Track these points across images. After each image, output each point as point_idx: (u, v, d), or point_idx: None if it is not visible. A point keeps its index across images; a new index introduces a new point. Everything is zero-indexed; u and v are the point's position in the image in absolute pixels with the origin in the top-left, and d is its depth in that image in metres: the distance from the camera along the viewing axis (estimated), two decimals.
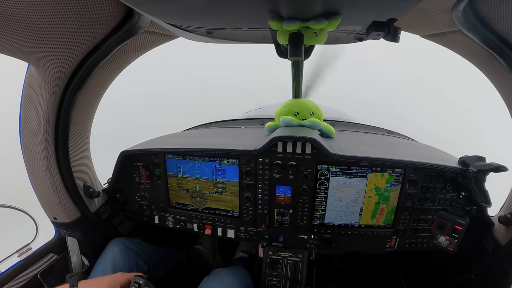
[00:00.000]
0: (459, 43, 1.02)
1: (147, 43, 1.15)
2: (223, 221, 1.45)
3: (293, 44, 0.74)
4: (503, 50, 0.91)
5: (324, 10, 0.64)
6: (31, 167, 1.20)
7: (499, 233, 1.17)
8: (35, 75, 1.00)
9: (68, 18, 0.82)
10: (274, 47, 1.22)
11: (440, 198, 1.25)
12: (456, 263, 1.45)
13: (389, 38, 0.67)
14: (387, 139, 1.82)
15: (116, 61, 1.18)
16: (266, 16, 0.69)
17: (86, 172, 1.38)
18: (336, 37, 1.08)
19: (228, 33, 1.01)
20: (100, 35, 0.97)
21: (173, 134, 1.90)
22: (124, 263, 1.31)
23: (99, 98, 1.30)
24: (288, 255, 1.40)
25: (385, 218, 1.31)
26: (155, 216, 1.55)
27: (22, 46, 0.84)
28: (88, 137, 1.36)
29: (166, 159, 1.41)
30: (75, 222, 1.35)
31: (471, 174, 1.08)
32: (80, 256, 1.39)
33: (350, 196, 1.29)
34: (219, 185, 1.39)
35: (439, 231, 1.16)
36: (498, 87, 1.11)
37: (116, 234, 1.58)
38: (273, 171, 1.29)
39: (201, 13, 0.72)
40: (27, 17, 0.74)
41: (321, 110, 1.48)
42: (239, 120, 2.47)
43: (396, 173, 1.23)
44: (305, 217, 1.34)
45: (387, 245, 1.35)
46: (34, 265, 1.24)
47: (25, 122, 1.11)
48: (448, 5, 0.83)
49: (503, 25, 0.84)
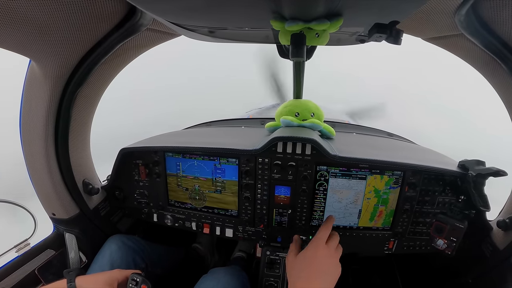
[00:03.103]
0: (461, 46, 1.02)
1: (149, 40, 1.15)
2: (222, 220, 1.45)
3: (295, 44, 0.74)
4: (504, 55, 0.90)
5: (327, 11, 0.64)
6: (31, 162, 1.20)
7: (497, 237, 1.17)
8: (37, 71, 1.00)
9: (71, 15, 0.82)
10: (276, 47, 1.22)
11: (439, 201, 1.25)
12: (454, 266, 1.45)
13: (391, 40, 0.67)
14: (387, 142, 1.82)
15: (118, 59, 1.18)
16: (269, 16, 0.69)
17: (86, 169, 1.38)
18: (338, 39, 1.08)
19: (230, 32, 1.01)
20: (102, 32, 0.97)
21: (173, 133, 1.90)
22: (122, 260, 1.31)
23: (100, 95, 1.30)
24: (286, 255, 1.40)
25: (384, 220, 1.32)
26: (153, 214, 1.55)
27: (24, 41, 0.84)
28: (88, 134, 1.36)
29: (165, 157, 1.41)
30: (74, 218, 1.35)
31: (470, 178, 1.08)
32: (78, 253, 1.40)
33: (349, 198, 1.29)
34: (219, 184, 1.39)
35: (437, 234, 1.16)
36: (499, 92, 1.11)
37: (114, 231, 1.58)
38: (272, 171, 1.29)
39: (203, 12, 0.72)
40: (29, 13, 0.74)
41: (321, 111, 1.47)
42: (239, 119, 2.48)
43: (395, 176, 1.23)
44: (303, 218, 1.34)
45: (385, 247, 1.35)
46: (32, 260, 1.24)
47: (25, 118, 1.11)
48: (451, 9, 0.83)
49: (506, 30, 0.84)
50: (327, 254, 0.94)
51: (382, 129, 2.26)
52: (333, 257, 0.95)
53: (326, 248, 0.95)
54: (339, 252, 0.99)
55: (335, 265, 0.94)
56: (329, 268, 0.92)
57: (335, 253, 0.97)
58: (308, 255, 0.95)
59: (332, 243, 0.98)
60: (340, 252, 1.00)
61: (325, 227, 1.02)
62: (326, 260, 0.93)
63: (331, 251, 0.96)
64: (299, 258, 0.97)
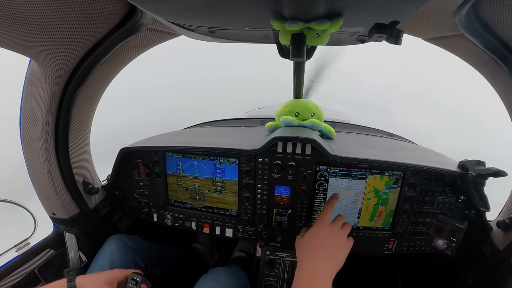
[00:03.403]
0: (461, 47, 1.02)
1: (149, 40, 1.15)
2: (222, 220, 1.45)
3: (295, 44, 0.74)
4: (505, 55, 0.90)
5: (327, 11, 0.64)
6: (31, 162, 1.20)
7: (497, 238, 1.17)
8: (37, 71, 1.00)
9: (71, 14, 0.81)
10: (276, 47, 1.22)
11: (439, 201, 1.25)
12: (453, 266, 1.45)
13: (391, 40, 0.67)
14: (387, 142, 1.82)
15: (118, 58, 1.18)
16: (269, 16, 0.69)
17: (86, 168, 1.38)
18: (338, 38, 1.07)
19: (230, 32, 1.01)
20: (102, 32, 0.97)
21: (173, 132, 1.90)
22: (121, 260, 1.31)
23: (100, 94, 1.30)
24: (286, 255, 1.40)
25: (384, 221, 1.32)
26: (153, 213, 1.55)
27: (24, 41, 0.84)
28: (89, 133, 1.36)
29: (165, 157, 1.41)
30: (74, 218, 1.35)
31: (470, 178, 1.08)
32: (78, 252, 1.40)
33: (349, 198, 1.29)
34: (218, 184, 1.39)
35: (437, 234, 1.16)
36: (499, 92, 1.11)
37: (114, 231, 1.58)
38: (272, 171, 1.29)
39: (203, 12, 0.72)
40: (29, 12, 0.74)
41: (321, 111, 1.47)
42: (239, 119, 2.47)
43: (395, 176, 1.23)
44: (303, 218, 1.34)
45: (385, 247, 1.35)
46: (32, 260, 1.24)
47: (25, 117, 1.11)
48: (451, 9, 0.82)
49: (506, 30, 0.84)
50: (331, 234, 0.92)
51: (382, 129, 2.26)
52: (338, 237, 0.93)
53: (329, 227, 0.93)
54: (346, 231, 0.97)
55: (342, 244, 0.92)
56: (335, 247, 0.91)
57: (341, 232, 0.95)
58: (312, 235, 0.93)
59: (337, 222, 0.96)
60: (348, 231, 0.97)
61: (328, 205, 0.99)
62: (331, 241, 0.91)
63: (335, 230, 0.94)
64: (304, 239, 0.95)
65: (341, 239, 0.94)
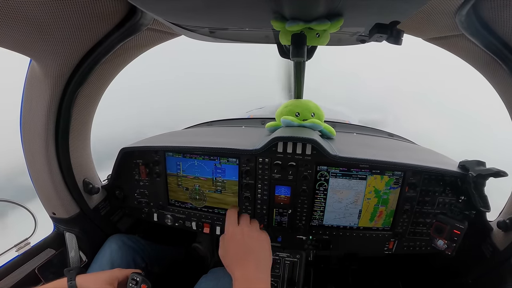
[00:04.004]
0: (462, 47, 1.02)
1: (149, 40, 1.15)
2: (222, 220, 1.45)
3: (296, 44, 0.74)
4: (505, 55, 0.90)
5: (327, 12, 0.64)
6: (31, 162, 1.20)
7: (498, 238, 1.17)
8: (37, 70, 1.00)
9: (71, 14, 0.82)
10: (277, 47, 1.22)
11: (439, 201, 1.25)
12: (454, 267, 1.45)
13: (391, 40, 0.67)
14: (388, 142, 1.82)
15: (118, 58, 1.18)
16: (269, 16, 0.69)
17: (86, 168, 1.38)
18: (338, 39, 1.07)
19: (231, 33, 1.01)
20: (102, 32, 0.97)
21: (173, 132, 1.90)
22: (122, 259, 1.31)
23: (101, 94, 1.30)
24: (286, 255, 1.40)
25: (384, 221, 1.31)
26: (154, 213, 1.55)
27: (25, 41, 0.84)
28: (89, 133, 1.36)
29: (166, 157, 1.42)
30: (74, 217, 1.35)
31: (470, 178, 1.08)
32: (78, 252, 1.40)
33: (349, 198, 1.29)
34: (219, 184, 1.39)
35: (437, 234, 1.16)
36: (500, 92, 1.11)
37: (114, 230, 1.58)
38: (272, 171, 1.29)
39: (204, 13, 0.72)
40: (30, 12, 0.74)
41: (322, 111, 1.48)
42: (239, 119, 2.47)
43: (395, 176, 1.23)
44: (303, 218, 1.34)
45: (385, 248, 1.35)
46: (32, 260, 1.24)
47: (26, 117, 1.11)
48: (452, 9, 0.82)
49: (506, 30, 0.84)
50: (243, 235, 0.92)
51: (383, 129, 2.26)
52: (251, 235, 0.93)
53: (239, 230, 0.93)
54: (255, 225, 0.97)
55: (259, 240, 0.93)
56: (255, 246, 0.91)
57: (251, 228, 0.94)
58: (228, 244, 0.93)
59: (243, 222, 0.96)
60: (256, 225, 0.97)
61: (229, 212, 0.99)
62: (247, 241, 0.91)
63: (246, 230, 0.93)
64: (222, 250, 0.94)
65: (255, 235, 0.94)
